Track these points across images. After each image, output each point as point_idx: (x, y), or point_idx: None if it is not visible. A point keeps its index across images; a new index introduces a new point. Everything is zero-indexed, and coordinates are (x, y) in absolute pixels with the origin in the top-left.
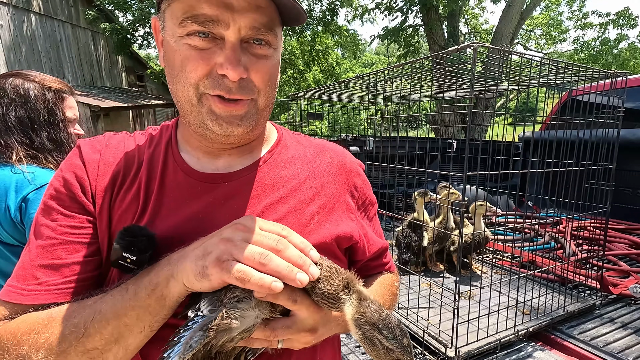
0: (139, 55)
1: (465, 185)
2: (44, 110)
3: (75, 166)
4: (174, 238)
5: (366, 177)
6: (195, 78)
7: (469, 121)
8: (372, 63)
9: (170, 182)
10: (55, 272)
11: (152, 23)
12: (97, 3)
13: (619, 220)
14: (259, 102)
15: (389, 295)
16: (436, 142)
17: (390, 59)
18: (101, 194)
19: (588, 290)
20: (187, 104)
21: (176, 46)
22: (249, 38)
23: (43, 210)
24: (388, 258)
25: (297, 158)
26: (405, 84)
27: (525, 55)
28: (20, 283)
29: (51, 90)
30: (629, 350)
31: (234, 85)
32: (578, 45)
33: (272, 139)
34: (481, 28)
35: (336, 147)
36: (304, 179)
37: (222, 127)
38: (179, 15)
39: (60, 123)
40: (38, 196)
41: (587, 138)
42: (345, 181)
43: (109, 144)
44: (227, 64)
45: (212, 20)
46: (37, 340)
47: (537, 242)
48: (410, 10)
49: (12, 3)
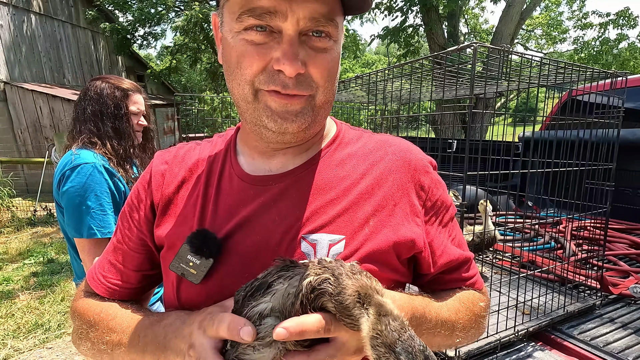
0: (139, 55)
1: (465, 185)
2: (111, 105)
3: (145, 179)
4: (228, 246)
5: (438, 177)
6: (251, 74)
7: (469, 121)
8: (372, 63)
9: (226, 188)
10: (115, 272)
11: (212, 20)
12: (97, 3)
13: (619, 220)
14: (317, 98)
15: (465, 313)
16: (436, 142)
17: (390, 59)
18: (164, 203)
19: (588, 290)
20: (243, 102)
21: (233, 42)
22: (307, 30)
23: (121, 212)
24: (471, 272)
25: (354, 155)
26: (405, 84)
27: (525, 55)
28: (96, 269)
29: (120, 89)
30: (629, 350)
31: (290, 81)
32: (578, 45)
33: (329, 136)
34: (481, 28)
35: (400, 141)
36: (359, 177)
37: (276, 124)
38: (236, 10)
39: (124, 116)
40: (72, 174)
41: (587, 138)
42: (409, 179)
43: (177, 155)
44: (283, 58)
45: (270, 11)
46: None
47: (537, 242)
48: (410, 10)
49: (12, 3)
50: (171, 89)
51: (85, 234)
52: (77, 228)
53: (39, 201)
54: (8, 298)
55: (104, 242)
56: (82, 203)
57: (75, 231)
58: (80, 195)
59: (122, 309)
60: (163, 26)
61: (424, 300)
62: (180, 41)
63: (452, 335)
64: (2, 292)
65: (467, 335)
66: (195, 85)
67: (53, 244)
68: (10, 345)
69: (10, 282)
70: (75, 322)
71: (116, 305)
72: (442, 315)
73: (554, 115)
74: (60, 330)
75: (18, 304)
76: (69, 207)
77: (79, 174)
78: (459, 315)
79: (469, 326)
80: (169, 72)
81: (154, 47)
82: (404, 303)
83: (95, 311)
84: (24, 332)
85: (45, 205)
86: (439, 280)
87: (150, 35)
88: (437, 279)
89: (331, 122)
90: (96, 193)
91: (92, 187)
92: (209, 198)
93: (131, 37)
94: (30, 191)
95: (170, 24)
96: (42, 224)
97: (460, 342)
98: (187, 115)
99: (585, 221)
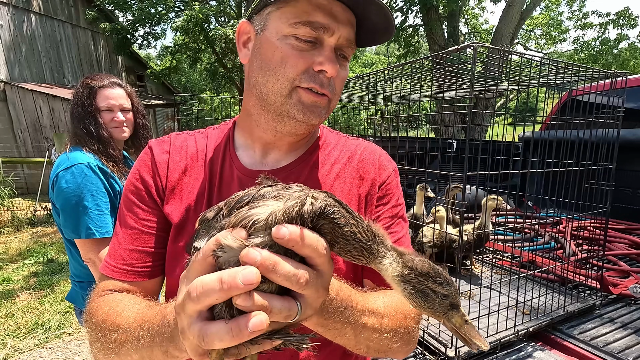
0: (139, 55)
1: (466, 185)
2: (78, 104)
3: (148, 167)
4: None
5: (397, 178)
6: (294, 73)
7: (469, 121)
8: (372, 63)
9: (227, 178)
10: (139, 255)
11: (241, 27)
12: (97, 3)
13: (619, 220)
14: (332, 103)
15: (397, 310)
16: (436, 142)
17: (390, 59)
18: (171, 189)
19: (588, 290)
20: (276, 95)
21: (278, 43)
22: (341, 47)
23: (125, 203)
24: None
25: (332, 155)
26: (405, 84)
27: (525, 55)
28: (112, 261)
29: (87, 87)
30: (629, 350)
31: (326, 81)
32: (578, 45)
33: (315, 137)
34: (481, 28)
35: (370, 145)
36: (335, 177)
37: (305, 115)
38: (290, 17)
39: (88, 114)
40: (66, 174)
41: (587, 138)
42: (364, 174)
43: (174, 144)
44: (327, 62)
45: (324, 27)
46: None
47: (537, 242)
48: (410, 10)
49: (12, 3)
50: (171, 89)
51: (84, 235)
52: (75, 229)
53: (39, 201)
54: (8, 298)
55: (103, 241)
56: (79, 203)
57: (74, 232)
58: (77, 196)
59: (132, 304)
60: (163, 26)
61: (349, 288)
62: (180, 41)
63: (381, 330)
64: (2, 292)
65: (396, 334)
66: (195, 85)
67: (53, 244)
68: (10, 345)
69: (10, 282)
70: (86, 325)
71: (127, 300)
72: (369, 305)
73: (554, 115)
74: (60, 330)
75: (18, 304)
76: (66, 208)
77: (74, 175)
78: (387, 309)
79: (398, 324)
80: (169, 72)
81: (154, 47)
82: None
83: (104, 310)
84: (24, 332)
85: (45, 205)
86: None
87: (150, 35)
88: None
89: None
90: (92, 193)
91: (87, 187)
92: (213, 186)
93: (131, 37)
94: (30, 191)
95: (170, 24)
96: (42, 224)
97: (390, 341)
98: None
99: (585, 221)
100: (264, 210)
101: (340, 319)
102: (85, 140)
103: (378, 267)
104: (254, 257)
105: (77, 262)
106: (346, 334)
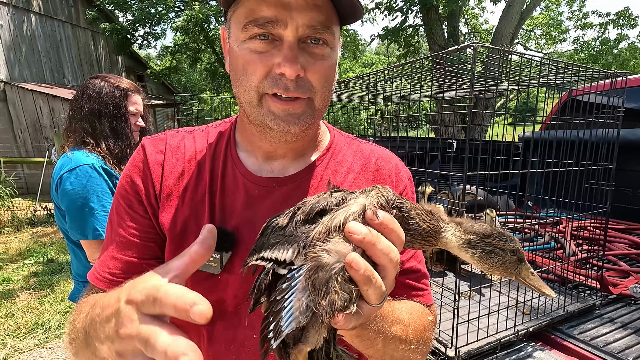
0: (139, 55)
1: (465, 185)
2: (110, 104)
3: (139, 169)
4: (237, 238)
5: (412, 188)
6: (256, 80)
7: (469, 121)
8: (372, 63)
9: (230, 184)
10: (123, 265)
11: (221, 33)
12: (97, 3)
13: (619, 220)
14: (316, 102)
15: (416, 320)
16: (436, 142)
17: (390, 59)
18: (166, 193)
19: (588, 290)
20: (248, 106)
21: (239, 51)
22: (306, 37)
23: (116, 207)
24: (422, 285)
25: (345, 163)
26: (405, 84)
27: (525, 55)
28: (99, 268)
29: (119, 89)
30: (629, 350)
31: (291, 83)
32: (578, 45)
33: (324, 142)
34: (481, 28)
35: (385, 152)
36: (348, 187)
37: (279, 125)
38: (242, 20)
39: (122, 116)
40: (71, 176)
41: (587, 138)
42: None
43: (171, 144)
44: (284, 62)
45: (271, 20)
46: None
47: (537, 242)
48: (410, 10)
49: (12, 3)
50: (171, 89)
51: (91, 236)
52: (81, 230)
53: (39, 201)
54: (8, 298)
55: None
56: (85, 205)
57: (81, 234)
58: (82, 197)
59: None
60: (163, 26)
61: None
62: (180, 41)
63: (406, 341)
64: (2, 292)
65: (418, 345)
66: (195, 85)
67: (53, 244)
68: (10, 345)
69: (10, 282)
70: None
71: (98, 297)
72: (397, 315)
73: (554, 115)
74: (60, 330)
75: (18, 304)
76: (72, 209)
77: (78, 176)
78: (411, 320)
79: (420, 336)
80: (169, 72)
81: (154, 47)
82: None
83: (74, 313)
84: (24, 332)
85: (45, 205)
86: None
87: (150, 35)
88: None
89: (325, 129)
90: (98, 194)
91: (93, 188)
92: (214, 194)
93: (131, 37)
94: (30, 191)
95: (170, 24)
96: (42, 224)
97: (413, 353)
98: (187, 115)
99: (585, 221)
100: (339, 220)
101: (375, 328)
102: (106, 140)
103: (443, 243)
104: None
105: (81, 262)
106: (377, 345)
